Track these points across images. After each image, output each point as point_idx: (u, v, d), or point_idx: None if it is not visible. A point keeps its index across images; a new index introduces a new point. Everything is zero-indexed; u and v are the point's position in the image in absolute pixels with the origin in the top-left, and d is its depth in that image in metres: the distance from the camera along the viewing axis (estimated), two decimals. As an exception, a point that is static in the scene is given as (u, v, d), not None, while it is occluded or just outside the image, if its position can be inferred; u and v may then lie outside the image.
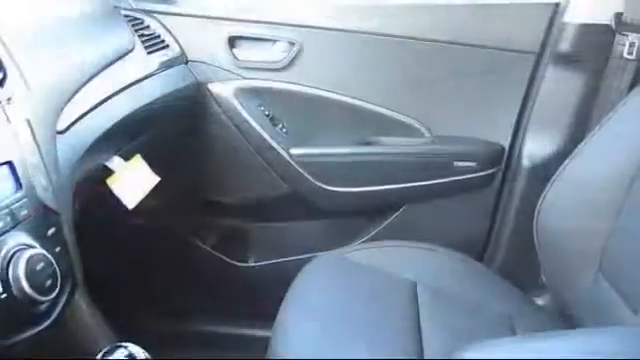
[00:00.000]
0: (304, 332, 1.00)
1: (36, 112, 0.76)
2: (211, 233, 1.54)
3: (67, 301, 0.66)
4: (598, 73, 1.26)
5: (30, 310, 0.60)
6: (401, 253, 1.27)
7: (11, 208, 0.62)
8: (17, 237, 0.62)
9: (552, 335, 0.70)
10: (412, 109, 1.41)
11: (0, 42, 0.77)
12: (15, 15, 0.86)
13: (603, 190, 1.02)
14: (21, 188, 0.65)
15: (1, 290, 0.57)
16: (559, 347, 0.67)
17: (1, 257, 0.59)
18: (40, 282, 0.60)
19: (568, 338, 0.71)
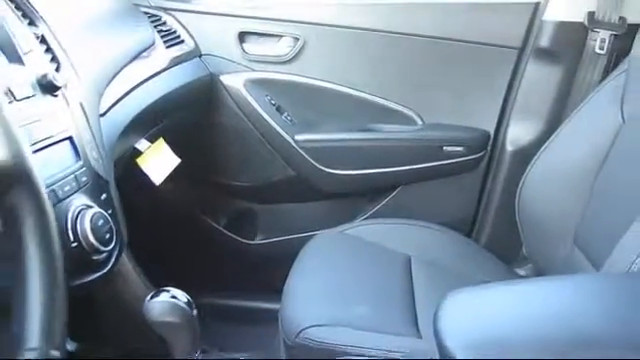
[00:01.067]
0: (309, 297, 1.09)
1: (86, 97, 0.88)
2: (223, 213, 1.64)
3: (119, 253, 0.78)
4: (573, 66, 1.35)
5: (93, 258, 0.72)
6: (396, 230, 1.37)
7: (75, 174, 0.75)
8: (81, 199, 0.74)
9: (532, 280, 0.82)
10: (406, 99, 1.50)
11: (54, 38, 0.89)
12: (62, 14, 0.98)
13: (577, 171, 1.12)
14: (80, 159, 0.78)
15: (72, 240, 0.69)
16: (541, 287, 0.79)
17: (71, 213, 0.71)
18: (101, 235, 0.72)
19: (547, 280, 0.83)
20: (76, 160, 0.77)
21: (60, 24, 0.94)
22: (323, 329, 0.97)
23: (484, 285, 0.79)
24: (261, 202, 1.65)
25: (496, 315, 0.71)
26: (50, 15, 0.94)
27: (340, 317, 1.00)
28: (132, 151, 1.12)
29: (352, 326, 0.98)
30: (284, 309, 1.07)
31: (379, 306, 1.06)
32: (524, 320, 0.68)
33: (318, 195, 1.58)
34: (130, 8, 1.35)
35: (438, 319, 0.70)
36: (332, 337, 0.95)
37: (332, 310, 1.02)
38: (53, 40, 0.89)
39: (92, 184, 0.78)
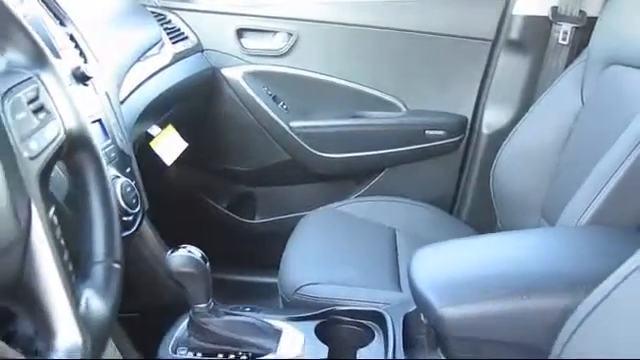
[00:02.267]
0: (304, 261, 1.23)
1: (109, 86, 1.02)
2: (224, 196, 1.77)
3: (142, 217, 0.93)
4: (540, 56, 1.48)
5: (123, 219, 0.87)
6: (384, 206, 1.50)
7: (105, 151, 0.89)
8: (111, 171, 0.88)
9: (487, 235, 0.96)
10: (391, 88, 1.63)
11: (80, 36, 1.03)
12: (83, 15, 1.11)
13: (543, 150, 1.26)
14: (108, 138, 0.92)
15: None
16: (494, 240, 0.94)
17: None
18: (129, 200, 0.87)
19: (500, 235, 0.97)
20: (105, 139, 0.92)
21: (83, 24, 1.08)
22: (316, 287, 1.11)
23: (447, 242, 0.93)
24: (259, 185, 1.78)
25: (456, 262, 0.87)
26: (75, 15, 1.07)
27: (331, 277, 1.14)
28: (145, 136, 1.25)
29: (342, 284, 1.12)
30: (282, 272, 1.20)
31: (366, 268, 1.20)
32: (478, 264, 0.84)
33: (312, 177, 1.71)
34: (139, 8, 1.49)
35: (410, 270, 0.85)
36: (324, 293, 1.10)
37: (324, 271, 1.16)
38: (80, 38, 1.03)
39: (119, 159, 0.92)
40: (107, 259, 0.55)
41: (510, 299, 0.75)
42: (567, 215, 1.00)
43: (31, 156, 0.49)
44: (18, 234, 0.46)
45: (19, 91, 0.51)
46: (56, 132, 0.54)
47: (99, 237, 0.56)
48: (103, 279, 0.54)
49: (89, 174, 0.58)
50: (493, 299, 0.76)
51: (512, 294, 0.75)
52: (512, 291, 0.76)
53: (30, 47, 0.56)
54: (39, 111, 0.53)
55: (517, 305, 0.75)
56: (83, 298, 0.50)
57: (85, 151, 0.58)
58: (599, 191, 0.94)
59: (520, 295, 0.75)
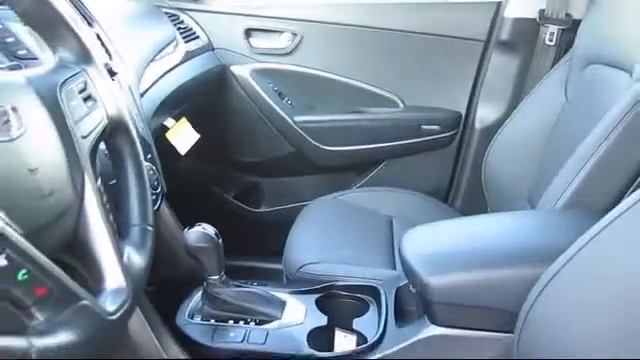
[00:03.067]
0: (307, 243, 1.33)
1: (132, 81, 1.13)
2: (232, 186, 1.87)
3: (162, 198, 1.04)
4: (529, 56, 1.57)
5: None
6: (382, 196, 1.59)
7: (131, 138, 1.00)
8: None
9: (473, 216, 1.07)
10: (389, 85, 1.72)
11: (104, 34, 1.14)
12: (105, 16, 1.22)
13: (530, 142, 1.35)
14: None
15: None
16: (478, 221, 1.04)
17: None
18: (152, 182, 0.97)
19: (483, 216, 1.08)
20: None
21: (106, 24, 1.19)
22: (317, 265, 1.21)
23: (434, 222, 1.04)
24: (265, 175, 1.88)
25: (441, 238, 0.98)
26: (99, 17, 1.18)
27: (331, 257, 1.24)
28: (161, 127, 1.36)
29: (341, 263, 1.22)
30: (286, 253, 1.31)
31: (364, 250, 1.30)
32: (459, 240, 0.96)
33: (315, 168, 1.81)
34: (154, 9, 1.59)
35: (401, 246, 0.96)
36: (324, 271, 1.20)
37: (325, 252, 1.26)
38: (105, 37, 1.14)
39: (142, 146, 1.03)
40: (142, 223, 0.67)
41: (486, 269, 0.86)
42: (546, 199, 1.10)
43: (83, 135, 0.60)
44: (74, 199, 0.57)
45: (71, 83, 0.63)
46: (101, 117, 0.65)
47: (135, 205, 0.67)
48: (139, 238, 0.65)
49: (126, 153, 0.69)
50: (471, 269, 0.87)
51: (487, 265, 0.87)
52: (487, 262, 0.87)
53: (77, 46, 0.67)
54: (87, 99, 0.64)
55: (491, 274, 0.86)
56: (125, 253, 0.62)
57: (123, 134, 0.69)
58: (574, 177, 1.03)
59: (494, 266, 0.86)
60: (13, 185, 0.50)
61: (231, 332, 0.99)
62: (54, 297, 0.49)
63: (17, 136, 0.52)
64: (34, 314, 0.48)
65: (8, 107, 0.52)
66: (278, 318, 1.03)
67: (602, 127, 1.04)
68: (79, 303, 0.51)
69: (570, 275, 0.70)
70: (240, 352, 0.95)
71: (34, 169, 0.52)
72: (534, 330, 0.73)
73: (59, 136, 0.57)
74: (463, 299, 0.87)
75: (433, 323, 0.91)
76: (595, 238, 0.68)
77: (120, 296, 0.56)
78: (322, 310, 1.07)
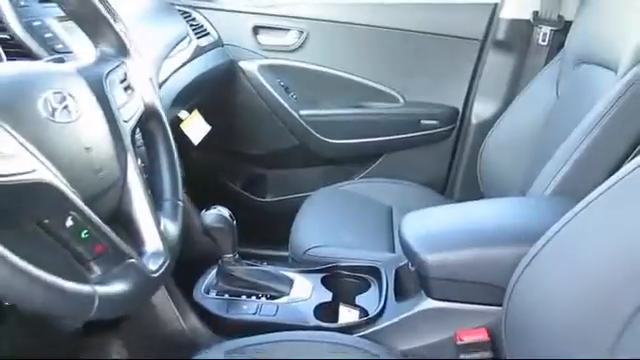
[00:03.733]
0: (312, 229, 1.41)
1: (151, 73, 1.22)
2: (239, 176, 1.96)
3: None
4: (523, 55, 1.66)
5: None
6: (382, 187, 1.67)
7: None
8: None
9: (468, 202, 1.16)
10: (390, 81, 1.80)
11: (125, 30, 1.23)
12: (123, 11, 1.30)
13: (523, 136, 1.43)
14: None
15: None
16: (472, 206, 1.13)
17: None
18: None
19: (477, 202, 1.17)
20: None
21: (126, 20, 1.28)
22: (322, 248, 1.30)
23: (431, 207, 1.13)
24: (271, 167, 1.97)
25: (436, 221, 1.07)
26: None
27: (335, 241, 1.33)
28: (175, 119, 1.45)
29: (344, 246, 1.31)
30: (292, 238, 1.39)
31: (365, 235, 1.39)
32: (453, 223, 1.05)
33: (318, 160, 1.89)
34: (167, 6, 1.67)
35: (400, 228, 1.05)
36: (329, 253, 1.28)
37: (329, 236, 1.35)
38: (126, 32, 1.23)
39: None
40: (173, 198, 0.76)
41: (477, 248, 0.95)
42: (535, 187, 1.19)
43: (125, 120, 0.70)
44: (119, 175, 0.66)
45: (114, 73, 0.72)
46: (138, 104, 0.74)
47: (167, 182, 0.76)
48: (172, 211, 0.74)
49: (158, 137, 0.78)
50: (464, 248, 0.96)
51: (478, 244, 0.96)
52: (478, 242, 0.96)
53: (116, 41, 0.77)
54: (127, 89, 0.73)
55: (482, 252, 0.95)
56: (161, 223, 0.71)
57: (156, 119, 0.78)
58: (561, 167, 1.12)
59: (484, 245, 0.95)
60: (74, 160, 0.59)
61: (244, 305, 1.08)
62: (109, 254, 0.58)
63: (75, 119, 0.61)
64: (92, 268, 0.57)
65: (66, 93, 0.62)
66: (287, 294, 1.12)
67: (587, 121, 1.13)
68: (128, 261, 0.60)
69: (551, 253, 0.78)
70: (253, 323, 1.04)
71: (89, 148, 0.62)
72: (519, 302, 0.82)
73: (106, 120, 0.66)
74: (457, 275, 0.96)
75: (429, 297, 1.00)
76: (574, 219, 0.77)
77: (159, 258, 0.65)
78: (327, 288, 1.16)
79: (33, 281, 0.47)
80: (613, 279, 0.67)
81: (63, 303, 0.50)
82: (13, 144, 0.51)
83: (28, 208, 0.52)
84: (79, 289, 0.51)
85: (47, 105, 0.58)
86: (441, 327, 0.99)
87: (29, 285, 0.46)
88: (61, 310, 0.50)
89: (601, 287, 0.68)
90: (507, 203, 1.15)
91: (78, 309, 0.51)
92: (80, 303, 0.51)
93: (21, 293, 0.46)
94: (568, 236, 0.77)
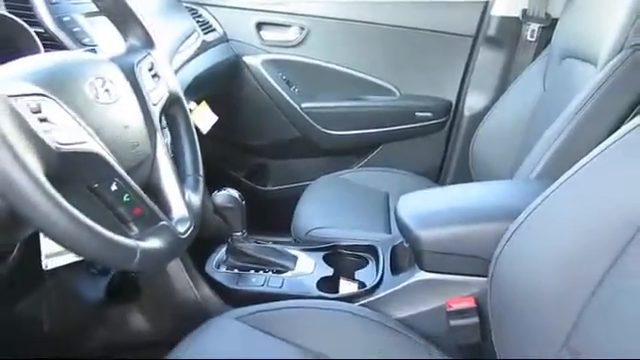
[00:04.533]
0: (313, 212, 1.51)
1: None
2: (243, 166, 2.05)
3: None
4: (512, 51, 1.76)
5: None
6: (379, 176, 1.76)
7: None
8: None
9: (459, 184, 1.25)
10: (387, 75, 1.89)
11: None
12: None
13: (512, 127, 1.53)
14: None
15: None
16: (463, 187, 1.22)
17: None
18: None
19: (468, 184, 1.26)
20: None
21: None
22: (323, 230, 1.40)
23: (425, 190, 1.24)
24: (273, 157, 2.06)
25: (429, 201, 1.17)
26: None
27: (335, 223, 1.43)
28: (185, 109, 1.54)
29: (344, 228, 1.41)
30: (295, 221, 1.49)
31: (363, 218, 1.49)
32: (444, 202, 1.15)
33: (319, 151, 1.98)
34: (176, 4, 1.77)
35: (396, 208, 1.16)
36: (329, 234, 1.38)
37: (330, 219, 1.45)
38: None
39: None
40: (195, 173, 0.86)
41: (465, 224, 1.05)
42: (521, 172, 1.29)
43: (154, 103, 0.80)
44: (150, 151, 0.76)
45: (143, 63, 0.82)
46: (164, 91, 0.84)
47: (189, 160, 0.86)
48: (194, 184, 0.85)
49: (180, 120, 0.88)
50: (453, 224, 1.06)
51: (466, 221, 1.05)
52: (466, 219, 1.06)
53: (144, 35, 0.86)
54: (154, 76, 0.83)
55: (470, 228, 1.04)
56: (185, 193, 0.81)
57: (178, 105, 0.88)
58: (545, 152, 1.22)
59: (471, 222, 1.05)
60: (115, 136, 0.69)
61: (252, 278, 1.18)
62: (145, 216, 0.68)
63: (114, 100, 0.71)
64: (132, 227, 0.67)
65: (106, 79, 0.72)
66: (291, 269, 1.23)
67: (569, 110, 1.23)
68: (160, 223, 0.70)
69: (530, 227, 0.88)
70: (260, 294, 1.15)
71: (126, 126, 0.72)
72: (502, 272, 0.92)
73: (139, 103, 0.76)
74: (446, 248, 1.06)
75: (422, 269, 1.10)
76: (549, 197, 0.87)
77: (186, 223, 0.75)
78: (328, 264, 1.26)
79: (89, 232, 0.57)
80: (583, 249, 0.76)
81: (111, 253, 0.60)
82: (67, 118, 0.61)
83: (81, 174, 0.62)
84: (125, 242, 0.61)
85: (92, 88, 0.68)
86: (432, 296, 1.08)
87: (85, 235, 0.56)
88: (109, 259, 0.60)
89: (573, 256, 0.77)
90: (493, 185, 1.26)
91: (123, 259, 0.61)
92: (125, 254, 0.61)
93: (78, 241, 0.56)
94: (544, 212, 0.87)
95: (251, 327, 0.97)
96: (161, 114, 0.81)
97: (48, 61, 0.67)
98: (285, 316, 1.01)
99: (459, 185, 1.26)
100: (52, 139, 0.57)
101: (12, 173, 0.51)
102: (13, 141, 0.51)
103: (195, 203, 0.81)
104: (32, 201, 0.52)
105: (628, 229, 0.71)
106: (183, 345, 0.94)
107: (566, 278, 0.78)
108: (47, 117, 0.58)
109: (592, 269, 0.74)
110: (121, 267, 0.66)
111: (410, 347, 1.00)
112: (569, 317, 0.76)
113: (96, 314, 1.12)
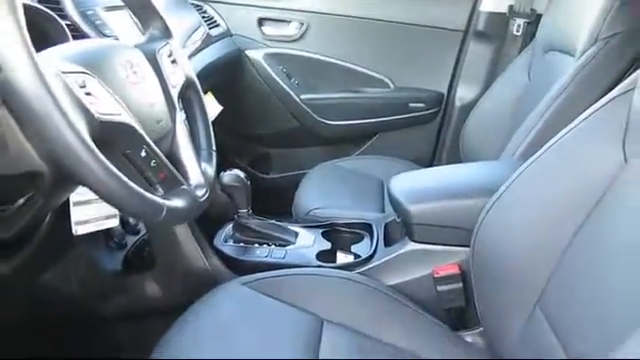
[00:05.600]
0: (313, 193, 1.62)
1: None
2: (245, 155, 2.15)
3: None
4: (500, 44, 1.87)
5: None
6: (374, 163, 1.86)
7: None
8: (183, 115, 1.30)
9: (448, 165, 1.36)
10: (382, 68, 2.00)
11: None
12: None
13: (500, 116, 1.62)
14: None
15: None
16: (452, 167, 1.34)
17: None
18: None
19: (457, 164, 1.38)
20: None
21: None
22: (322, 210, 1.51)
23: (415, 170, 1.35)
24: (274, 146, 2.16)
25: (419, 180, 1.29)
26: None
27: (333, 204, 1.54)
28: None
29: (341, 208, 1.52)
30: (296, 202, 1.61)
31: (359, 200, 1.60)
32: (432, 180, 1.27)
33: (317, 140, 2.08)
34: (182, 0, 1.88)
35: (389, 186, 1.27)
36: (328, 214, 1.49)
37: (328, 201, 1.56)
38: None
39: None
40: (208, 147, 0.98)
41: (450, 199, 1.17)
42: (505, 153, 1.40)
43: (173, 86, 0.91)
44: (171, 126, 0.88)
45: (163, 50, 0.94)
46: (181, 75, 0.96)
47: (202, 136, 0.98)
48: (208, 157, 0.96)
49: (195, 102, 1.00)
50: (440, 199, 1.17)
51: (451, 196, 1.17)
52: (451, 194, 1.18)
53: (162, 25, 0.98)
54: (173, 62, 0.95)
55: (454, 203, 1.16)
56: (201, 164, 0.92)
57: (193, 89, 1.00)
58: (527, 135, 1.33)
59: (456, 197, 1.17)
60: (143, 111, 0.80)
61: (257, 250, 1.30)
62: (169, 180, 0.79)
63: (141, 81, 0.83)
64: (158, 189, 0.78)
65: (134, 62, 0.83)
66: (293, 243, 1.34)
67: (549, 96, 1.34)
68: (181, 187, 0.82)
69: (507, 199, 0.99)
70: (265, 263, 1.26)
71: (152, 103, 0.83)
72: (483, 241, 1.02)
73: (160, 84, 0.88)
74: (434, 221, 1.17)
75: (411, 241, 1.21)
76: (524, 172, 0.98)
77: (202, 188, 0.87)
78: (327, 239, 1.37)
79: (127, 188, 0.68)
80: (552, 218, 0.87)
81: (143, 207, 0.71)
82: (105, 93, 0.73)
83: (117, 141, 0.73)
84: (155, 199, 0.72)
85: (123, 69, 0.80)
86: (421, 265, 1.19)
87: (124, 190, 0.68)
88: (141, 212, 0.72)
89: (543, 225, 0.88)
90: (477, 165, 1.38)
91: (152, 213, 0.73)
92: (154, 209, 0.73)
93: (117, 195, 0.67)
94: (518, 187, 0.98)
95: (257, 292, 1.07)
96: (179, 96, 0.92)
97: (88, 46, 0.78)
98: (288, 282, 1.11)
99: (446, 166, 1.38)
100: (95, 109, 0.68)
101: (66, 135, 0.62)
102: (67, 109, 0.62)
103: (209, 173, 0.93)
104: (81, 158, 0.63)
105: (589, 199, 0.82)
106: (195, 307, 1.04)
107: (537, 244, 0.88)
108: (90, 91, 0.69)
109: (560, 236, 0.85)
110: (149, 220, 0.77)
111: (402, 310, 1.10)
112: (541, 279, 0.87)
113: (114, 283, 1.24)
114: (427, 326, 1.08)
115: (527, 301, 0.89)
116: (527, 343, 0.89)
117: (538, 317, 0.86)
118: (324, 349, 0.95)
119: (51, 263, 1.13)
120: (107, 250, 1.29)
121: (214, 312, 1.02)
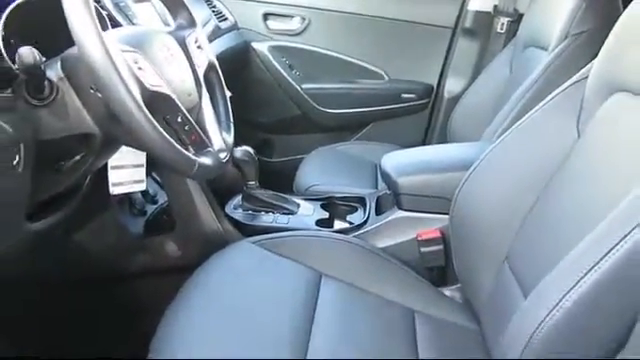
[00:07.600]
0: (313, 172, 1.79)
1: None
2: (249, 140, 2.22)
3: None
4: (485, 41, 2.04)
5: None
6: (369, 148, 2.02)
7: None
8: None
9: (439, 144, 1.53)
10: (377, 61, 2.15)
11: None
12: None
13: (484, 106, 1.78)
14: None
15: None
16: (443, 146, 1.51)
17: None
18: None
19: (448, 144, 1.54)
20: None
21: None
22: (320, 186, 1.69)
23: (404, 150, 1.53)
24: (277, 132, 2.32)
25: (407, 156, 1.47)
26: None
27: (331, 181, 1.72)
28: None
29: (337, 184, 1.70)
30: (297, 180, 1.79)
31: (355, 178, 1.78)
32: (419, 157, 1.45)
33: (317, 127, 2.23)
34: (194, -5, 2.05)
35: (382, 162, 1.45)
36: (326, 189, 1.67)
37: (326, 178, 1.74)
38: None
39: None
40: (227, 120, 1.16)
41: (434, 172, 1.35)
42: (485, 135, 1.58)
43: (199, 66, 1.09)
44: (198, 100, 1.06)
45: (190, 36, 1.11)
46: (204, 59, 1.14)
47: (222, 111, 1.16)
48: (227, 128, 1.14)
49: (215, 82, 1.18)
50: (425, 172, 1.36)
51: (435, 170, 1.36)
52: (435, 169, 1.36)
53: (189, 16, 1.16)
54: (198, 47, 1.13)
55: (438, 175, 1.34)
56: (222, 133, 1.10)
57: (214, 71, 1.18)
58: (503, 121, 1.50)
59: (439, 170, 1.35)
60: (177, 86, 0.98)
61: (264, 217, 1.48)
62: (198, 142, 0.97)
63: (175, 61, 1.01)
64: (190, 149, 0.96)
65: (168, 45, 1.02)
66: (295, 212, 1.52)
67: (525, 85, 1.51)
68: (207, 149, 1.00)
69: (481, 171, 1.15)
70: (271, 227, 1.44)
71: (184, 80, 1.02)
72: (461, 208, 1.17)
73: (189, 65, 1.06)
74: (419, 191, 1.35)
75: (400, 209, 1.38)
76: (492, 150, 1.13)
77: (223, 152, 1.05)
78: (325, 210, 1.56)
79: (169, 144, 0.86)
80: (520, 183, 1.03)
81: (180, 160, 0.89)
82: (151, 69, 0.91)
83: (160, 108, 0.91)
84: (189, 155, 0.91)
85: (162, 51, 0.98)
86: (408, 230, 1.37)
87: (167, 145, 0.86)
88: (177, 165, 0.89)
89: (512, 189, 1.04)
90: (458, 144, 1.56)
91: (187, 166, 0.90)
92: (188, 163, 0.91)
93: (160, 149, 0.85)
94: (489, 161, 1.14)
95: (265, 249, 1.24)
96: (203, 75, 1.10)
97: (136, 31, 0.97)
98: (291, 242, 1.27)
99: (432, 146, 1.56)
100: (145, 81, 0.86)
101: (125, 99, 0.80)
102: (126, 78, 0.80)
103: (228, 140, 1.11)
104: (135, 117, 0.81)
105: (550, 167, 0.98)
106: (210, 262, 1.21)
107: (505, 209, 1.04)
108: (141, 67, 0.87)
109: (525, 200, 1.01)
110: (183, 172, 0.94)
111: (391, 268, 1.27)
112: (508, 238, 1.02)
113: (139, 243, 1.42)
114: (412, 282, 1.24)
115: (496, 258, 1.04)
116: (497, 295, 1.03)
117: (505, 271, 0.99)
118: (322, 297, 1.11)
119: (85, 223, 1.30)
120: (131, 216, 1.47)
121: (229, 264, 1.19)
